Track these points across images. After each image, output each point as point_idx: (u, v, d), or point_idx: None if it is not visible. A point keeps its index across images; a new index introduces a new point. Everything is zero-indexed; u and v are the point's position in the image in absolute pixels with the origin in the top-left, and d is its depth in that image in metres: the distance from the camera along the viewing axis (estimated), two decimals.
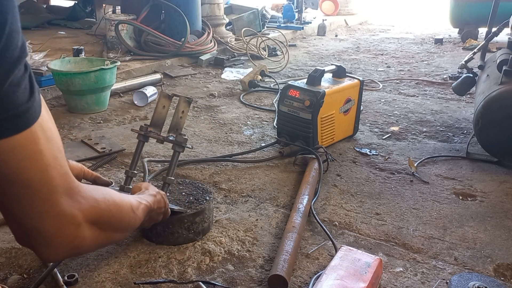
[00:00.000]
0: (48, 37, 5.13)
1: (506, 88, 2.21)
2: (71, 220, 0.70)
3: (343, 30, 7.31)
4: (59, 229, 0.69)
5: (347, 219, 1.84)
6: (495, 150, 2.31)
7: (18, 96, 0.60)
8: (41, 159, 0.64)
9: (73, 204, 0.70)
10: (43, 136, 0.64)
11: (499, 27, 2.89)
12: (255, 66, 4.13)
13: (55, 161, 0.66)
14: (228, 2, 6.49)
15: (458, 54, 5.21)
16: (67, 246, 0.72)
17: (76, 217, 0.71)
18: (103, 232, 0.80)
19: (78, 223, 0.71)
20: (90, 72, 2.94)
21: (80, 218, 0.72)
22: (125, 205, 0.91)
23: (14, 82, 0.59)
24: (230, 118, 3.02)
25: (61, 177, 0.67)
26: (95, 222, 0.76)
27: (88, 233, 0.74)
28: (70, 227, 0.71)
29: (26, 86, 0.61)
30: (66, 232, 0.70)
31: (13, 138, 0.61)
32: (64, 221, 0.69)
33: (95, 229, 0.77)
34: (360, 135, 2.73)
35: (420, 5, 9.48)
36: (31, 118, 0.62)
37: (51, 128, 0.67)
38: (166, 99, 1.61)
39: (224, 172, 2.23)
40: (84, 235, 0.74)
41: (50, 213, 0.67)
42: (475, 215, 1.88)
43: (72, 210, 0.70)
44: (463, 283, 1.43)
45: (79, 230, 0.72)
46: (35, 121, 0.63)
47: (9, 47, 0.58)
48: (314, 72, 2.46)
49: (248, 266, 1.54)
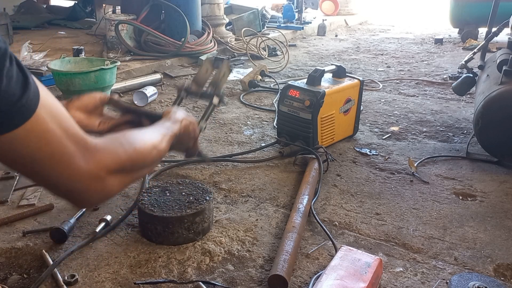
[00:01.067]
0: (48, 37, 5.13)
1: (506, 88, 2.21)
2: (96, 178, 0.77)
3: (343, 30, 7.31)
4: (88, 188, 0.77)
5: (347, 219, 1.84)
6: (495, 150, 2.31)
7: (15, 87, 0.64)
8: (54, 136, 0.70)
9: (95, 164, 0.77)
10: (48, 115, 0.69)
11: (499, 27, 2.89)
12: (255, 66, 4.13)
13: (67, 132, 0.72)
14: (228, 2, 6.49)
15: (458, 54, 5.21)
16: (99, 197, 0.81)
17: (99, 175, 0.77)
18: (129, 175, 0.87)
19: (103, 178, 0.78)
20: (90, 72, 2.94)
21: (104, 173, 0.78)
22: (146, 146, 0.94)
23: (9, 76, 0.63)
24: (230, 118, 3.03)
25: (76, 143, 0.74)
26: (119, 171, 0.82)
27: (115, 182, 0.81)
28: (97, 184, 0.78)
29: (18, 75, 0.65)
30: (95, 188, 0.78)
31: (23, 127, 0.66)
32: (90, 181, 0.76)
33: (120, 176, 0.83)
34: (360, 135, 2.73)
35: (420, 5, 9.47)
36: (33, 104, 0.67)
37: (53, 103, 0.72)
38: (210, 64, 1.63)
39: (224, 172, 2.23)
40: (112, 184, 0.81)
41: (76, 177, 0.75)
42: (475, 215, 1.88)
43: (95, 170, 0.77)
44: (463, 283, 1.43)
45: (105, 183, 0.79)
46: (37, 105, 0.67)
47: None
48: (314, 72, 2.46)
49: (248, 266, 1.54)
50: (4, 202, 1.91)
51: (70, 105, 1.34)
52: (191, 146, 1.36)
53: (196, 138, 1.35)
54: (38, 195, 1.95)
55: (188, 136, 1.28)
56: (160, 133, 1.06)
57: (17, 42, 4.61)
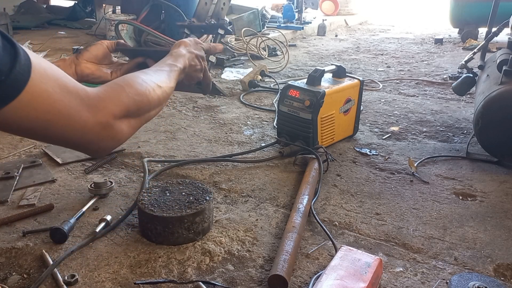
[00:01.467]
0: (48, 37, 5.13)
1: (506, 88, 2.21)
2: (105, 126, 0.80)
3: (343, 30, 7.31)
4: (100, 137, 0.80)
5: (347, 219, 1.84)
6: (495, 150, 2.31)
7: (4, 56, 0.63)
8: (55, 94, 0.71)
9: (100, 113, 0.79)
10: (44, 77, 0.70)
11: (499, 27, 2.89)
12: (255, 66, 4.13)
13: (65, 89, 0.73)
14: None
15: (458, 54, 5.21)
16: (113, 143, 0.84)
17: (107, 122, 0.80)
18: (137, 118, 0.88)
19: (111, 124, 0.81)
20: None
21: (110, 119, 0.81)
22: (149, 87, 0.93)
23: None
24: (230, 118, 3.03)
25: (77, 98, 0.75)
26: (125, 115, 0.84)
27: (124, 126, 0.84)
28: (107, 131, 0.80)
29: (5, 44, 0.65)
30: (107, 136, 0.81)
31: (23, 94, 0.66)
32: (99, 129, 0.79)
33: (128, 119, 0.85)
34: (360, 135, 2.73)
35: (420, 5, 9.48)
36: (27, 70, 0.67)
37: (45, 65, 0.72)
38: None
39: (224, 172, 2.23)
40: (122, 129, 0.83)
41: (86, 129, 0.77)
42: (475, 215, 1.88)
43: (101, 119, 0.79)
44: (463, 283, 1.43)
45: (114, 129, 0.82)
46: (30, 69, 0.67)
47: None
48: (314, 72, 2.46)
49: (248, 266, 1.54)
50: (4, 202, 1.91)
51: (80, 58, 1.33)
52: (202, 78, 1.32)
53: (205, 69, 1.32)
54: (38, 195, 1.95)
55: (195, 68, 1.25)
56: (163, 71, 1.04)
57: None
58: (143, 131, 2.76)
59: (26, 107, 0.68)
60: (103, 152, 0.86)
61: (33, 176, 2.11)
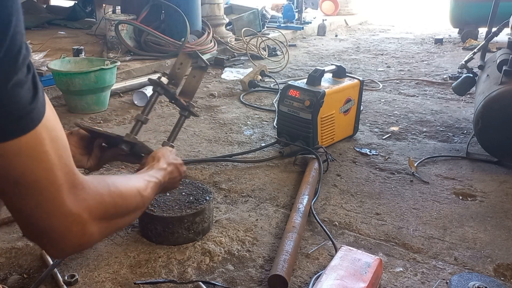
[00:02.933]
0: (48, 37, 5.13)
1: (506, 88, 2.21)
2: (77, 219, 0.71)
3: (343, 30, 7.31)
4: (66, 229, 0.71)
5: (347, 219, 1.84)
6: (495, 150, 2.31)
7: (21, 97, 0.60)
8: (47, 160, 0.65)
9: (79, 203, 0.71)
10: (48, 136, 0.65)
11: (499, 27, 2.89)
12: (255, 66, 4.13)
13: (60, 160, 0.67)
14: (228, 2, 6.49)
15: (458, 54, 5.21)
16: (75, 244, 0.73)
17: (82, 216, 0.72)
18: (110, 223, 0.81)
19: (84, 222, 0.72)
20: (90, 72, 2.94)
21: (86, 216, 0.72)
22: (132, 191, 0.91)
23: (17, 83, 0.59)
24: (230, 118, 3.02)
25: (66, 175, 0.68)
26: (101, 217, 0.77)
27: (95, 229, 0.75)
28: (77, 227, 0.72)
29: (29, 87, 0.61)
30: (73, 232, 0.71)
31: (19, 140, 0.61)
32: (71, 220, 0.70)
33: (102, 223, 0.77)
34: (360, 135, 2.73)
35: (420, 5, 9.48)
36: (35, 119, 0.62)
37: (56, 127, 0.67)
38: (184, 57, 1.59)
39: (224, 172, 2.23)
40: (91, 231, 0.75)
41: (56, 213, 0.69)
42: (475, 215, 1.88)
43: (78, 210, 0.71)
44: (463, 283, 1.43)
45: (86, 228, 0.73)
46: (39, 121, 0.63)
47: (13, 48, 0.58)
48: (314, 72, 2.46)
49: (248, 266, 1.54)
50: None
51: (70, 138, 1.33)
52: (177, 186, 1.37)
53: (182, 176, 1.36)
54: None
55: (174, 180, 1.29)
56: (145, 180, 1.04)
57: None
58: (143, 131, 2.76)
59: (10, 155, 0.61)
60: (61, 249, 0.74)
61: None
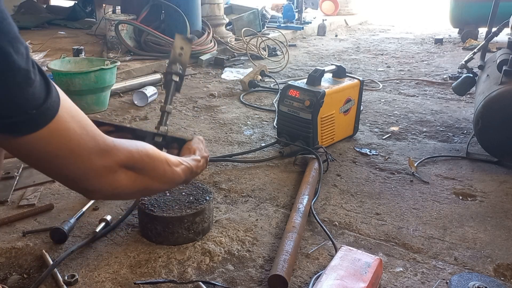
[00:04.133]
0: (48, 37, 5.13)
1: (506, 88, 2.21)
2: (108, 169, 0.84)
3: (343, 30, 7.31)
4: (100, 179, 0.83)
5: (347, 219, 1.84)
6: (495, 150, 2.31)
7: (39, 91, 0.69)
8: (74, 133, 0.76)
9: (109, 157, 0.83)
10: (68, 116, 0.75)
11: (499, 27, 2.89)
12: (255, 66, 4.13)
13: (85, 130, 0.79)
14: (228, 2, 6.49)
15: (458, 54, 5.21)
16: (108, 189, 0.86)
17: (112, 166, 0.84)
18: (139, 176, 0.92)
19: (114, 170, 0.85)
20: (90, 72, 2.94)
21: (115, 166, 0.85)
22: (159, 157, 1.00)
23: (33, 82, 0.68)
24: (230, 118, 3.03)
25: (93, 140, 0.80)
26: (130, 167, 0.89)
27: (124, 177, 0.88)
28: (108, 176, 0.84)
29: (41, 80, 0.70)
30: (105, 180, 0.84)
31: (48, 127, 0.71)
32: (102, 171, 0.83)
33: (131, 173, 0.89)
34: (360, 135, 2.73)
35: (420, 5, 9.48)
36: (55, 106, 0.72)
37: (71, 105, 0.78)
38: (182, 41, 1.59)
39: (224, 172, 2.23)
40: (122, 179, 0.87)
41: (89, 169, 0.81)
42: (475, 215, 1.88)
43: (108, 163, 0.83)
44: (463, 283, 1.43)
45: (115, 176, 0.86)
46: (59, 106, 0.73)
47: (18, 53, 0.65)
48: (314, 72, 2.46)
49: (248, 266, 1.54)
50: (4, 202, 1.91)
51: None
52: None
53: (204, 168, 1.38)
54: (38, 195, 1.95)
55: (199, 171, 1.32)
56: (177, 159, 1.11)
57: None
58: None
59: (44, 140, 0.72)
60: (98, 194, 0.88)
61: (33, 176, 2.11)
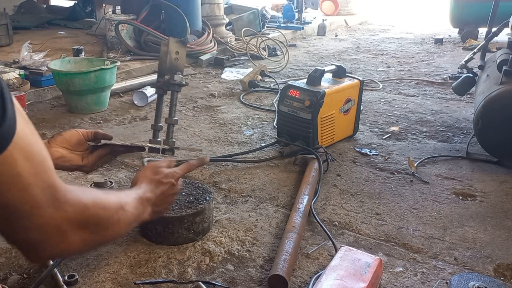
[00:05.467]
0: (48, 37, 5.13)
1: (506, 88, 2.21)
2: (55, 229, 0.70)
3: (343, 30, 7.30)
4: (44, 239, 0.70)
5: (347, 219, 1.84)
6: (495, 150, 2.31)
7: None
8: (20, 181, 0.62)
9: (58, 214, 0.69)
10: (20, 156, 0.62)
11: (499, 27, 2.89)
12: (255, 66, 4.13)
13: (36, 178, 0.65)
14: (228, 2, 6.49)
15: (458, 54, 5.20)
16: (53, 252, 0.73)
17: (60, 226, 0.71)
18: (93, 234, 0.79)
19: (63, 230, 0.71)
20: (90, 72, 2.94)
21: (66, 225, 0.71)
22: (113, 204, 0.90)
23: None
24: (230, 118, 3.02)
25: (44, 192, 0.66)
26: (83, 226, 0.76)
27: (76, 238, 0.74)
28: (55, 236, 0.70)
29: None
30: (51, 241, 0.70)
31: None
32: (49, 231, 0.69)
33: (84, 232, 0.76)
34: (360, 135, 2.73)
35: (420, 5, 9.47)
36: (3, 142, 0.59)
37: (30, 142, 0.64)
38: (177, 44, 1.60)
39: (224, 172, 2.23)
40: (73, 240, 0.74)
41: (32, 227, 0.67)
42: (475, 215, 1.88)
43: (56, 221, 0.69)
44: (463, 283, 1.43)
45: (64, 237, 0.72)
46: (9, 143, 0.60)
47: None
48: (314, 72, 2.46)
49: (248, 266, 1.54)
50: None
51: (52, 142, 1.34)
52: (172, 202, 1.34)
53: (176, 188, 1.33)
54: None
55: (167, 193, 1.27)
56: (131, 197, 1.04)
57: (17, 42, 4.62)
58: (143, 131, 2.76)
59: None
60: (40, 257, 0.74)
61: None
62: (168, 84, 1.58)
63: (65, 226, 0.71)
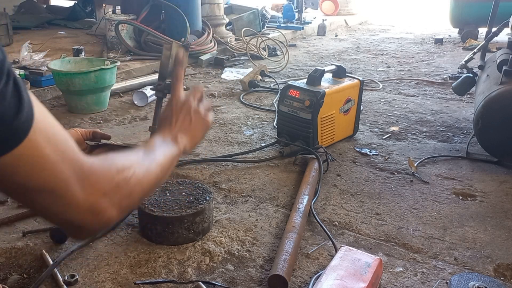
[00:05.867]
0: (48, 37, 5.13)
1: (506, 88, 2.21)
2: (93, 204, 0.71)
3: (343, 30, 7.30)
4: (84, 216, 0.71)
5: (347, 219, 1.84)
6: (495, 150, 2.31)
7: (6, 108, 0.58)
8: (48, 161, 0.64)
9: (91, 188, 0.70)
10: (42, 138, 0.63)
11: (499, 27, 2.89)
12: (255, 66, 4.13)
13: (63, 155, 0.66)
14: (228, 2, 6.49)
15: (458, 54, 5.20)
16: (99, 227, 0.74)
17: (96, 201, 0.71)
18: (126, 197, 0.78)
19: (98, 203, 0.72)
20: (90, 72, 2.94)
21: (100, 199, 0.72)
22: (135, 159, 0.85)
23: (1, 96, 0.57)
24: (230, 118, 3.02)
25: (72, 168, 0.68)
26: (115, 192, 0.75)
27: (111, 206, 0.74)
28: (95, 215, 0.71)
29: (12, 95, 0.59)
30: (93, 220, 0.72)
31: (13, 152, 0.60)
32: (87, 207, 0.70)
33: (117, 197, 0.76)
34: (360, 135, 2.73)
35: (420, 5, 9.47)
36: (25, 127, 0.61)
37: (50, 123, 0.66)
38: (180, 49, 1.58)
39: (224, 172, 2.23)
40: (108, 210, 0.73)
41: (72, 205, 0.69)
42: (475, 215, 1.88)
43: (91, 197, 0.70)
44: (463, 283, 1.43)
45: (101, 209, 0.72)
46: (30, 128, 0.61)
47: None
48: (314, 72, 2.46)
49: (248, 266, 1.54)
50: (4, 202, 1.91)
51: None
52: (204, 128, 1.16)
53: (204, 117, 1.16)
54: None
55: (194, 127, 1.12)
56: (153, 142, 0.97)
57: (17, 42, 4.61)
58: (143, 131, 2.76)
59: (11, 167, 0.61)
60: (87, 235, 0.76)
61: None
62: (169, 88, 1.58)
63: (99, 201, 0.71)
